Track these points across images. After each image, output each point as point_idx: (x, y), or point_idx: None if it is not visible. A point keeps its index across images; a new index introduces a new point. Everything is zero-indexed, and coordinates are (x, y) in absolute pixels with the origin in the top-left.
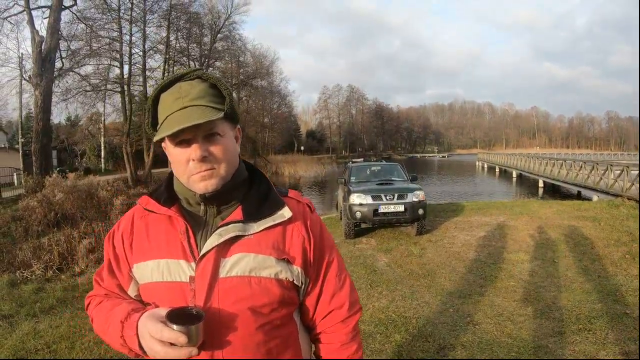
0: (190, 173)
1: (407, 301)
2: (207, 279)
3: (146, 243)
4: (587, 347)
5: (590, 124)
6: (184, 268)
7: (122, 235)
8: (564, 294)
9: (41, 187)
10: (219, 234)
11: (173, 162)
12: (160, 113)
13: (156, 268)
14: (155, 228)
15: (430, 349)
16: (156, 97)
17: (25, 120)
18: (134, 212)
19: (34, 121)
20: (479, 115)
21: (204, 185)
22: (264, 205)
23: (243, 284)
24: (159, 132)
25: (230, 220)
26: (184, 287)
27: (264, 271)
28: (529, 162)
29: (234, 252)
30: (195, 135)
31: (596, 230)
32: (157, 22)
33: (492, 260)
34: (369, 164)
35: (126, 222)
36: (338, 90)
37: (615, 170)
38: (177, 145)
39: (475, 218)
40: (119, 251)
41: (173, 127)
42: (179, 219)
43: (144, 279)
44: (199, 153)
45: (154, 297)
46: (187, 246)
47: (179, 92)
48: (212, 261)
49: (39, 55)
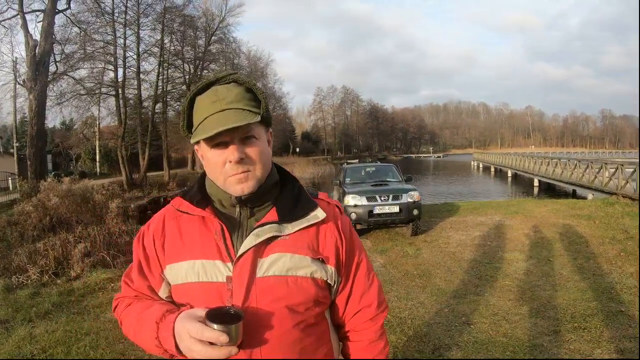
0: (227, 175)
1: (403, 302)
2: (245, 278)
3: (179, 244)
4: (582, 345)
5: (585, 123)
6: (220, 268)
7: (153, 236)
8: (559, 293)
9: (36, 192)
10: (256, 235)
11: (208, 164)
12: (196, 115)
13: (191, 269)
14: (189, 229)
15: (426, 350)
16: (191, 100)
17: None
18: (165, 213)
19: (29, 125)
20: (474, 115)
21: (240, 187)
22: (297, 206)
23: (280, 283)
24: (196, 134)
25: (266, 221)
26: (221, 287)
27: (300, 271)
28: (524, 162)
29: (270, 252)
30: (232, 137)
31: (591, 229)
32: (151, 25)
33: (487, 260)
34: (364, 165)
35: (157, 223)
36: (333, 91)
37: (609, 169)
38: (214, 147)
39: (471, 218)
40: (150, 252)
41: (212, 130)
42: (213, 220)
43: (177, 280)
44: (236, 155)
45: (189, 298)
46: (222, 247)
47: (215, 95)
48: (250, 261)
49: (33, 59)
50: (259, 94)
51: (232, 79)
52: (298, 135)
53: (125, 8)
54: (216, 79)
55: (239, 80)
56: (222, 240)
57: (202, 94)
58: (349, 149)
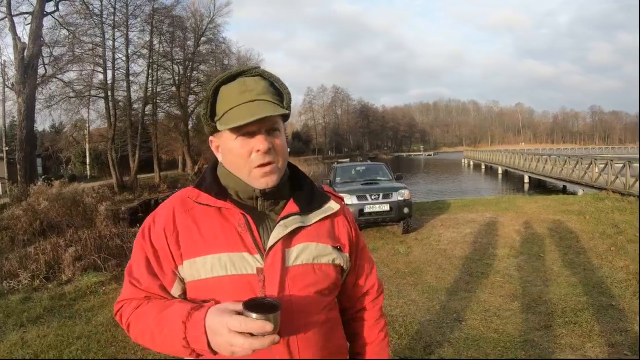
0: (253, 165)
1: (394, 299)
2: (277, 268)
3: (198, 237)
4: (573, 339)
5: (575, 119)
6: (249, 260)
7: (164, 231)
8: (550, 288)
9: (26, 196)
10: (284, 226)
11: (231, 154)
12: (221, 105)
13: (217, 262)
14: (207, 221)
15: (417, 347)
16: (215, 90)
17: (9, 128)
18: (174, 206)
19: (18, 129)
20: (464, 113)
21: (265, 181)
22: (313, 198)
23: (309, 271)
24: (224, 121)
25: (289, 213)
26: (252, 279)
27: (324, 258)
28: (515, 158)
29: (297, 242)
30: (259, 128)
31: (581, 224)
32: (139, 27)
33: (478, 257)
34: (354, 164)
35: (166, 217)
36: (323, 91)
37: (599, 164)
38: (240, 137)
39: (461, 215)
40: (161, 248)
41: (244, 118)
42: (235, 211)
43: (200, 275)
44: (266, 144)
45: (216, 292)
46: (249, 239)
47: (244, 85)
48: (280, 251)
49: (21, 62)
50: (283, 89)
51: (257, 72)
52: (288, 135)
53: (114, 9)
54: (242, 70)
55: (264, 74)
56: (249, 232)
57: (227, 84)
58: (340, 148)
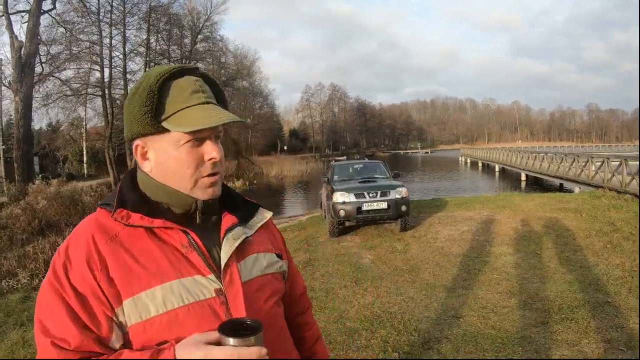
0: (201, 175)
1: (392, 297)
2: (237, 286)
3: (137, 268)
4: (569, 336)
5: (572, 117)
6: (203, 283)
7: (88, 268)
8: (546, 285)
9: (24, 195)
10: (232, 238)
11: (175, 162)
12: (172, 101)
13: (170, 292)
14: (141, 247)
15: (416, 343)
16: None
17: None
18: (92, 234)
19: (15, 128)
20: (461, 110)
21: (212, 191)
22: (247, 207)
23: (266, 283)
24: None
25: (232, 224)
26: (212, 303)
27: (273, 267)
28: (512, 156)
29: (247, 254)
30: (210, 134)
31: (578, 222)
32: (137, 25)
33: (475, 254)
34: (352, 162)
35: (86, 250)
36: (320, 89)
37: (596, 162)
38: (188, 143)
39: (459, 213)
40: (88, 290)
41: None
42: (175, 230)
43: (149, 313)
44: (219, 153)
45: (173, 328)
46: (197, 259)
47: (195, 85)
48: (235, 267)
49: (18, 60)
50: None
51: (200, 73)
52: (286, 133)
53: (111, 7)
54: (185, 67)
55: (205, 76)
56: (196, 252)
57: (176, 80)
58: (337, 146)
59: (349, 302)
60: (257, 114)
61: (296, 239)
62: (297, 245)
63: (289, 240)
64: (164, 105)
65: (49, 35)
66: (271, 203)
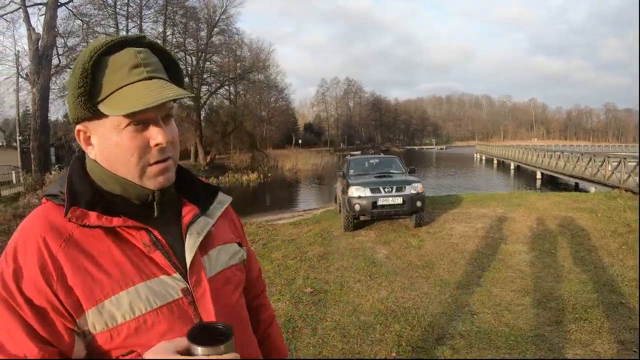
0: (148, 162)
1: (406, 292)
2: (204, 282)
3: (98, 274)
4: (583, 336)
5: (589, 116)
6: (169, 283)
7: (42, 276)
8: (561, 284)
9: (41, 185)
10: (196, 233)
11: (117, 148)
12: (107, 80)
13: (136, 297)
14: (100, 250)
15: (430, 339)
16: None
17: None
18: (43, 236)
19: (32, 119)
20: (477, 107)
21: (163, 179)
22: (206, 194)
23: (230, 275)
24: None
25: (194, 215)
26: (180, 304)
27: (234, 258)
28: (527, 154)
29: (209, 247)
30: (156, 115)
31: (593, 222)
32: (153, 17)
33: (490, 252)
34: (368, 156)
35: (38, 255)
36: (336, 83)
37: (612, 162)
38: (130, 126)
39: (473, 210)
40: (44, 301)
41: (144, 101)
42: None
43: (115, 321)
44: (167, 137)
45: (141, 334)
46: (161, 258)
47: (136, 58)
48: (200, 263)
49: (35, 52)
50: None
51: (146, 42)
52: (300, 126)
53: (128, 0)
54: (127, 38)
55: (154, 45)
56: (159, 251)
57: (113, 55)
58: (352, 141)
59: (363, 296)
60: (272, 107)
61: (311, 232)
62: (311, 238)
63: (303, 234)
64: (100, 86)
65: (66, 27)
66: (285, 196)
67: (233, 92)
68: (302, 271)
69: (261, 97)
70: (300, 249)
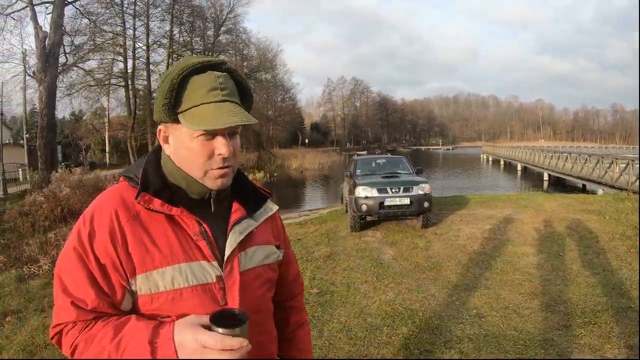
0: (210, 167)
1: (414, 294)
2: (236, 275)
3: (152, 248)
4: (592, 340)
5: (596, 117)
6: (207, 269)
7: (111, 241)
8: (569, 288)
9: (47, 182)
10: (238, 232)
11: (189, 151)
12: (189, 96)
13: (178, 274)
14: (159, 230)
15: (437, 342)
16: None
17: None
18: (116, 210)
19: (39, 117)
20: (484, 107)
21: (221, 182)
22: (256, 199)
23: (261, 272)
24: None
25: (240, 217)
26: (212, 288)
27: (271, 258)
28: (534, 155)
29: (249, 245)
30: (223, 131)
31: (601, 224)
32: (160, 16)
33: (497, 253)
34: (375, 156)
35: (110, 224)
36: (342, 82)
37: (620, 164)
38: (201, 136)
39: (481, 211)
40: (109, 260)
41: (216, 122)
42: (191, 219)
43: (157, 288)
44: (230, 149)
45: (176, 304)
46: (206, 247)
47: (215, 82)
48: (237, 257)
49: (42, 50)
50: (248, 91)
51: (226, 68)
52: (307, 126)
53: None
54: (211, 62)
55: (233, 72)
56: (205, 241)
57: (198, 75)
58: (358, 141)
59: (370, 297)
60: (279, 106)
61: (317, 232)
62: (318, 238)
63: (309, 234)
64: (181, 99)
65: (73, 26)
66: (292, 195)
67: None
68: (308, 272)
69: (268, 97)
70: (307, 249)
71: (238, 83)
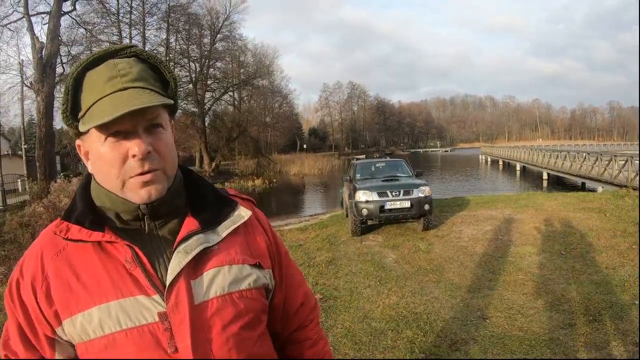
0: (127, 176)
1: (417, 297)
2: (184, 309)
3: (77, 286)
4: (597, 338)
5: (593, 115)
6: (146, 305)
7: (31, 286)
8: (572, 286)
9: (46, 193)
10: (184, 251)
11: (99, 162)
12: (85, 96)
13: (107, 315)
14: (85, 263)
15: (443, 344)
16: (79, 77)
17: (28, 126)
18: (42, 249)
19: (37, 127)
20: (481, 108)
21: (146, 192)
22: (217, 208)
23: (227, 304)
24: (87, 119)
25: (189, 232)
26: (154, 329)
27: (243, 282)
28: (533, 155)
29: (204, 269)
30: (135, 125)
31: (602, 222)
32: (156, 25)
33: (499, 254)
34: (374, 160)
35: (33, 266)
36: (339, 87)
37: (619, 161)
38: (110, 138)
39: (481, 212)
40: (32, 308)
41: (111, 112)
42: (119, 244)
43: (88, 336)
44: (143, 147)
45: (112, 354)
46: (142, 276)
47: (114, 69)
48: (184, 286)
49: (39, 61)
50: (168, 72)
51: (133, 52)
52: (305, 131)
53: (130, 8)
54: (114, 50)
55: (142, 54)
56: (140, 268)
57: (94, 69)
58: (356, 145)
59: (374, 301)
60: (277, 112)
61: (318, 238)
62: (319, 244)
63: (310, 239)
64: (79, 102)
65: (70, 36)
66: (292, 201)
67: (237, 98)
68: (310, 277)
69: (265, 103)
70: (308, 255)
71: (153, 65)
